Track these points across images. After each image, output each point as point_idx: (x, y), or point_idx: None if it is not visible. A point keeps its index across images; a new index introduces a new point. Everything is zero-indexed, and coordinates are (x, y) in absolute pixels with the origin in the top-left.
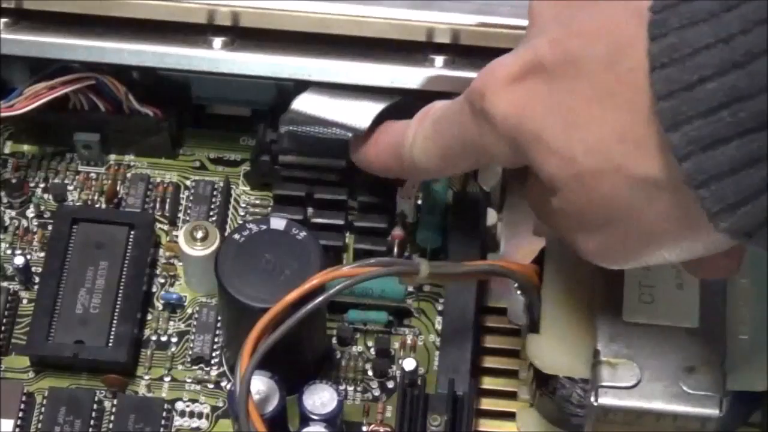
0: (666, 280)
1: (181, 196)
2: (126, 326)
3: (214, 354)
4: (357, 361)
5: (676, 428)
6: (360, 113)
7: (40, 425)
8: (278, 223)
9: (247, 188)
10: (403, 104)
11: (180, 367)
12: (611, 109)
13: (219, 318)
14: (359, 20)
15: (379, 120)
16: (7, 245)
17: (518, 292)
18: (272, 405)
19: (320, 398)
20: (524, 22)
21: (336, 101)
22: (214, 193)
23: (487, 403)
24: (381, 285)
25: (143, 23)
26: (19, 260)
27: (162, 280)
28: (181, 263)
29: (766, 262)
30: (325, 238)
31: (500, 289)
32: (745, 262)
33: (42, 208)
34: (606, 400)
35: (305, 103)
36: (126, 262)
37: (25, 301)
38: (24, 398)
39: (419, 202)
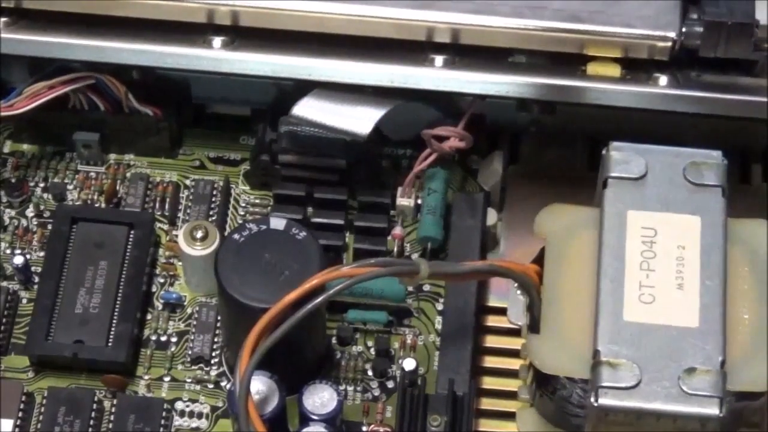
0: (666, 280)
1: (181, 195)
2: (126, 326)
3: (213, 354)
4: (357, 361)
5: (676, 429)
6: (361, 119)
7: (39, 425)
8: (278, 223)
9: (247, 188)
10: (403, 108)
11: (180, 367)
12: None
13: (219, 318)
14: (359, 20)
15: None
16: (7, 245)
17: (518, 292)
18: (272, 405)
19: (320, 398)
20: (524, 22)
21: (337, 107)
22: (214, 192)
23: (487, 403)
24: (381, 285)
25: (143, 23)
26: (18, 260)
27: (162, 280)
28: (180, 263)
29: (767, 261)
30: (325, 238)
31: (500, 289)
32: (744, 263)
33: (42, 207)
34: (606, 400)
35: (306, 109)
36: (126, 261)
37: (24, 301)
38: (24, 398)
39: (419, 202)
